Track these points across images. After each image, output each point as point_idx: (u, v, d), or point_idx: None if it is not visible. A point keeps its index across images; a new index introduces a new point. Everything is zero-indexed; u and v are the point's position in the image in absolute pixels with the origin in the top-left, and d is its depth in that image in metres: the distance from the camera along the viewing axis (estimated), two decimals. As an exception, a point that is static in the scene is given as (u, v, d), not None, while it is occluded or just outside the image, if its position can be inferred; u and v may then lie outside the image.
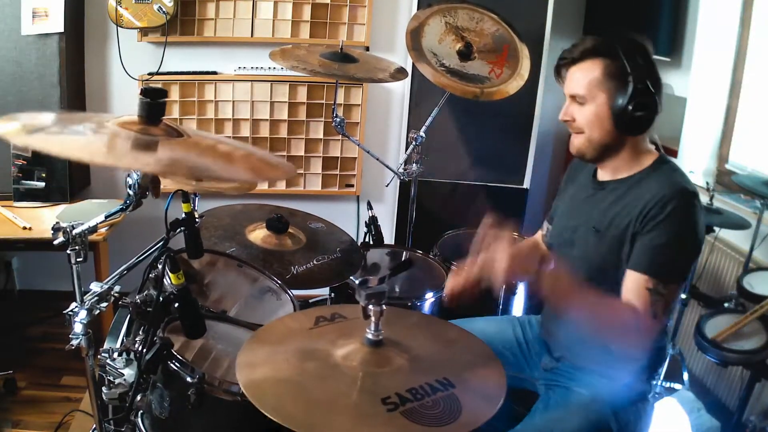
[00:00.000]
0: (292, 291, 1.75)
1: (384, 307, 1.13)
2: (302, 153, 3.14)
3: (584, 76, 1.42)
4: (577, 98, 1.45)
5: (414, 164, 2.33)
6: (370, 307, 1.12)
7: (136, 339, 1.52)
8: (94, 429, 1.53)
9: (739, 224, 2.33)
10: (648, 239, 1.35)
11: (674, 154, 3.01)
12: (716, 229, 2.41)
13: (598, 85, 1.41)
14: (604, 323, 1.35)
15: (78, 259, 1.36)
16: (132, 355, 1.50)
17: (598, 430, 1.42)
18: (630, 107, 1.37)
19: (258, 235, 1.98)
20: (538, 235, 1.82)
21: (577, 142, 1.49)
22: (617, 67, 1.39)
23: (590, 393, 1.47)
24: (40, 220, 2.52)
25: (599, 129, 1.43)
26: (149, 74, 2.91)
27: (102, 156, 1.05)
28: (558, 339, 1.61)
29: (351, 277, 1.93)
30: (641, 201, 1.38)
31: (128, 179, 1.34)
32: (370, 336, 1.14)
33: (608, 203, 1.48)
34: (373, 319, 1.13)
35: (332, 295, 2.18)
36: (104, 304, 1.40)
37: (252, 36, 2.98)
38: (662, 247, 1.34)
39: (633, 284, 1.36)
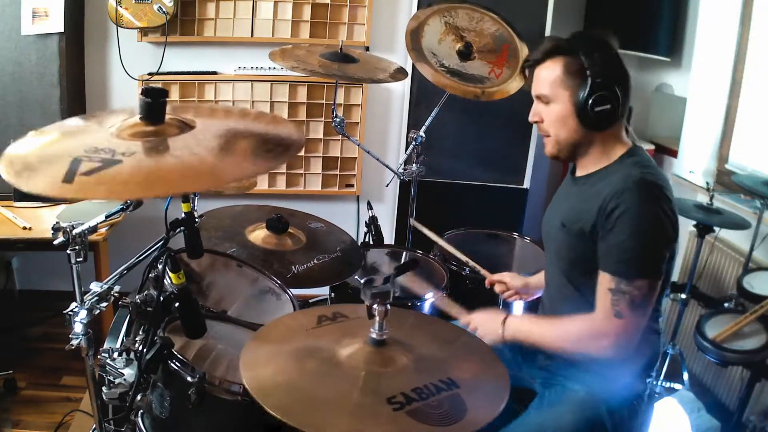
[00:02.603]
0: (292, 291, 1.75)
1: (389, 306, 1.13)
2: (302, 153, 3.14)
3: (547, 75, 1.44)
4: (542, 98, 1.47)
5: (414, 164, 2.33)
6: (375, 306, 1.12)
7: (136, 339, 1.52)
8: (94, 429, 1.53)
9: (739, 224, 2.33)
10: (608, 238, 1.36)
11: (674, 154, 3.01)
12: (716, 229, 2.42)
13: (560, 83, 1.42)
14: (566, 344, 1.43)
15: (78, 259, 1.36)
16: (132, 355, 1.50)
17: (593, 427, 1.42)
18: (590, 102, 1.38)
19: (258, 235, 1.99)
20: None
21: (548, 146, 1.51)
22: (576, 64, 1.40)
23: (585, 390, 1.47)
24: (40, 220, 2.52)
25: (565, 127, 1.45)
26: (149, 74, 2.92)
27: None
28: None
29: (355, 277, 1.94)
30: (601, 196, 1.39)
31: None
32: (374, 335, 1.14)
33: (575, 198, 1.50)
34: (377, 318, 1.13)
35: (332, 295, 2.18)
36: (104, 304, 1.40)
37: (252, 36, 2.98)
38: (621, 244, 1.34)
39: (599, 286, 1.38)
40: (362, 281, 1.16)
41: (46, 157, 1.05)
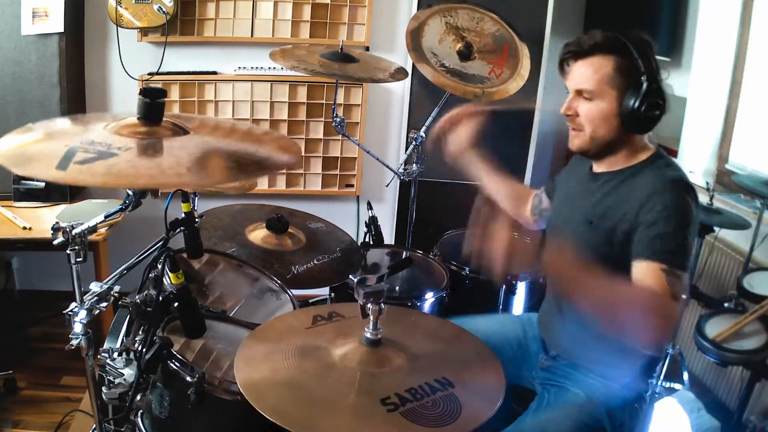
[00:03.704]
0: (292, 291, 1.75)
1: (383, 305, 1.12)
2: (302, 153, 3.14)
3: (594, 71, 1.39)
4: (584, 93, 1.42)
5: (414, 164, 2.33)
6: (369, 305, 1.12)
7: (136, 339, 1.52)
8: (94, 429, 1.53)
9: (739, 224, 2.33)
10: (652, 229, 1.31)
11: (674, 154, 3.01)
12: (716, 229, 2.41)
13: (609, 81, 1.38)
14: (620, 306, 1.22)
15: (78, 259, 1.36)
16: (132, 355, 1.50)
17: (592, 431, 1.42)
18: (643, 107, 1.35)
19: (258, 235, 1.99)
20: (531, 195, 1.85)
21: (578, 141, 1.47)
22: (629, 65, 1.36)
23: (585, 393, 1.47)
24: (40, 220, 2.52)
25: (605, 126, 1.41)
26: (149, 74, 2.92)
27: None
28: (554, 336, 1.61)
29: (350, 276, 1.94)
30: (635, 194, 1.37)
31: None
32: (368, 335, 1.13)
33: (601, 195, 1.47)
34: (371, 318, 1.13)
35: (332, 295, 2.18)
36: (104, 304, 1.40)
37: (252, 36, 2.98)
38: (668, 236, 1.30)
39: (646, 270, 1.29)
40: (355, 280, 1.15)
41: (43, 145, 1.11)
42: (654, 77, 1.36)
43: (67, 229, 1.34)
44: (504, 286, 2.10)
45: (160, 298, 1.30)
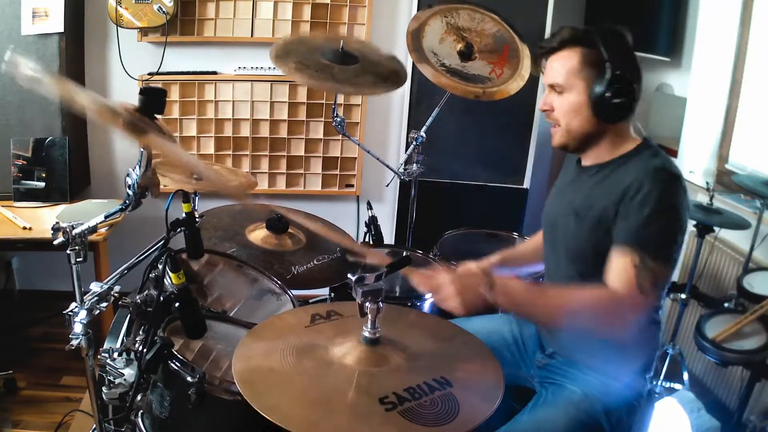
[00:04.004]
0: (292, 291, 1.75)
1: (381, 304, 1.12)
2: (302, 153, 3.14)
3: (562, 65, 1.43)
4: (556, 87, 1.45)
5: (414, 164, 2.33)
6: (367, 304, 1.12)
7: (136, 339, 1.52)
8: (94, 429, 1.53)
9: (739, 224, 2.33)
10: (629, 218, 1.33)
11: (674, 154, 3.01)
12: (716, 229, 2.41)
13: (576, 73, 1.41)
14: (583, 311, 1.30)
15: (78, 259, 1.36)
16: (132, 355, 1.50)
17: (589, 429, 1.42)
18: (608, 94, 1.37)
19: (258, 235, 1.99)
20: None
21: (557, 137, 1.50)
22: (594, 55, 1.39)
23: (582, 390, 1.46)
24: (40, 220, 2.52)
25: (578, 117, 1.43)
26: (149, 74, 2.92)
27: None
28: (550, 334, 1.61)
29: (348, 275, 1.93)
30: (621, 184, 1.38)
31: (128, 179, 1.34)
32: (366, 334, 1.13)
33: (589, 187, 1.48)
34: (369, 316, 1.13)
35: (332, 295, 2.18)
36: (104, 304, 1.40)
37: (252, 36, 2.98)
38: (644, 224, 1.31)
39: (618, 262, 1.32)
40: (353, 279, 1.15)
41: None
42: (618, 65, 1.37)
43: (67, 229, 1.34)
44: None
45: (161, 298, 1.30)
